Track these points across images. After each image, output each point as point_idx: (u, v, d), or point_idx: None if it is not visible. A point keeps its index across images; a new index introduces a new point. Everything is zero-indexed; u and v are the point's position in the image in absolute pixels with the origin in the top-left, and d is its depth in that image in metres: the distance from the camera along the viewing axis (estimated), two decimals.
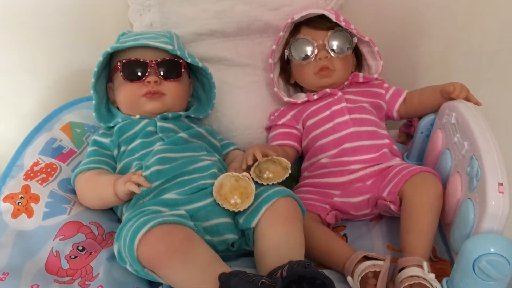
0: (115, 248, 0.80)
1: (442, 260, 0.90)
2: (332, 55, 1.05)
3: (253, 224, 0.83)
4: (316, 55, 1.05)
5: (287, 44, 1.10)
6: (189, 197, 0.86)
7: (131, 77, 0.99)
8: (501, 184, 0.75)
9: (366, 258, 0.83)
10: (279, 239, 0.80)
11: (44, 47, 1.19)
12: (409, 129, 1.18)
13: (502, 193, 0.75)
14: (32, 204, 0.91)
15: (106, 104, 1.06)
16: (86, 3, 1.17)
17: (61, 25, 1.17)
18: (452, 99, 0.98)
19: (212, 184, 0.87)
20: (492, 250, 0.72)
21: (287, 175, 0.89)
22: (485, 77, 1.25)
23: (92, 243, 0.88)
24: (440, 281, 0.79)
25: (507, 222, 0.75)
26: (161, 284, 0.78)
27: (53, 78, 1.22)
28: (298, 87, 1.16)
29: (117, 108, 1.05)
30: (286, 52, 1.09)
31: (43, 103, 1.21)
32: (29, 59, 1.19)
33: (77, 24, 1.18)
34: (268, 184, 0.88)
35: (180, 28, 1.13)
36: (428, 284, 0.76)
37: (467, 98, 0.97)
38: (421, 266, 0.79)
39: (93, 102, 1.01)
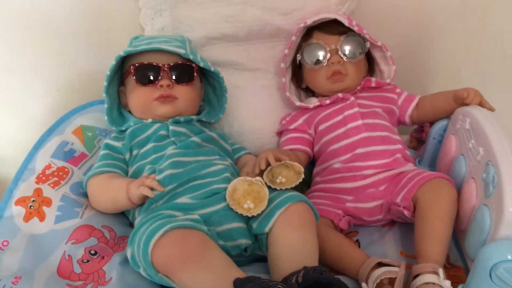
0: (129, 253, 0.79)
1: (456, 267, 0.89)
2: (345, 59, 1.05)
3: (266, 229, 0.83)
4: (328, 60, 1.05)
5: (299, 49, 1.10)
6: (202, 201, 0.86)
7: (144, 81, 0.99)
8: None
9: (380, 264, 0.82)
10: (293, 245, 0.80)
11: (54, 50, 1.19)
12: (421, 134, 1.17)
13: None
14: (44, 208, 0.91)
15: (118, 107, 1.06)
16: (98, 7, 1.17)
17: (72, 28, 1.18)
18: (465, 104, 0.97)
19: (225, 189, 0.87)
20: (509, 257, 0.71)
21: (300, 180, 0.89)
22: (496, 81, 1.24)
23: (104, 247, 0.88)
24: None
25: None
26: None
27: (63, 81, 1.22)
28: (309, 92, 1.16)
29: (129, 111, 1.05)
30: (299, 57, 1.09)
31: (53, 106, 1.21)
32: (40, 62, 1.19)
33: (88, 27, 1.19)
34: (281, 189, 0.88)
35: (192, 32, 1.13)
36: None
37: (481, 104, 0.96)
38: (436, 273, 0.79)
39: (105, 105, 1.01)
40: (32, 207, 0.91)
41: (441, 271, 0.79)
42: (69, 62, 1.21)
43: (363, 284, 0.81)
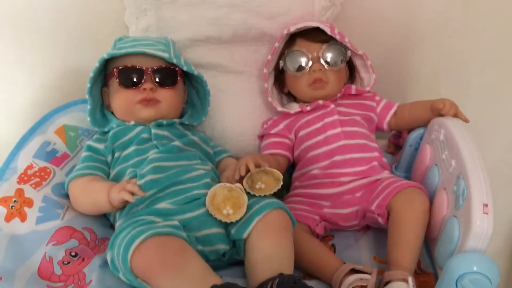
0: (108, 257, 0.81)
1: (427, 273, 0.92)
2: (326, 67, 1.07)
3: (244, 235, 0.85)
4: (310, 67, 1.07)
5: (282, 55, 1.11)
6: (182, 207, 0.88)
7: (127, 84, 0.99)
8: (486, 205, 0.77)
9: (353, 270, 0.85)
10: (270, 251, 0.82)
11: (39, 45, 1.19)
12: (398, 140, 1.20)
13: (487, 214, 0.77)
14: (26, 208, 0.91)
15: (101, 108, 1.06)
16: (83, 4, 1.17)
17: (57, 23, 1.17)
18: (441, 115, 1.00)
19: (205, 194, 0.88)
20: (475, 268, 0.74)
21: (279, 186, 0.91)
22: (474, 90, 1.28)
23: (85, 249, 0.89)
24: None
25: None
26: None
27: (47, 76, 1.22)
28: (291, 96, 1.18)
29: (112, 113, 1.05)
30: (281, 63, 1.11)
31: (37, 101, 1.21)
32: (24, 57, 1.19)
33: (73, 23, 1.18)
34: (260, 195, 0.90)
35: (176, 33, 1.14)
36: None
37: (456, 115, 0.99)
38: (406, 281, 0.82)
39: (88, 107, 1.01)
40: (13, 207, 0.91)
41: (410, 279, 0.82)
42: (52, 58, 1.21)
43: None
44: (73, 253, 0.88)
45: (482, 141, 0.94)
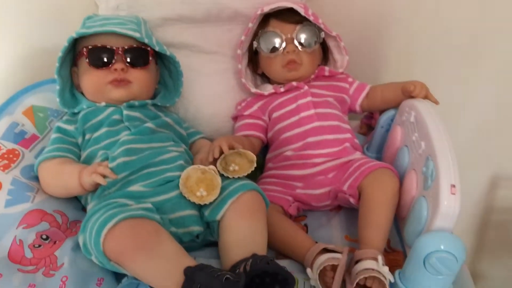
0: (80, 240, 0.80)
1: (396, 251, 0.95)
2: (300, 49, 1.07)
3: (218, 217, 0.85)
4: (284, 49, 1.07)
5: (255, 36, 1.10)
6: (155, 189, 0.87)
7: (97, 64, 0.97)
8: (454, 186, 0.79)
9: (325, 250, 0.87)
10: (243, 233, 0.83)
11: (5, 24, 1.15)
12: (370, 121, 1.21)
13: (454, 194, 0.79)
14: None
15: (71, 89, 1.04)
16: None
17: (25, 1, 1.13)
18: (412, 97, 1.02)
19: (179, 177, 0.88)
20: (442, 247, 0.76)
21: (253, 168, 0.91)
22: (445, 72, 1.30)
23: (56, 231, 0.88)
24: (393, 272, 0.84)
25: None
26: (126, 275, 0.79)
27: (13, 55, 1.18)
28: (265, 77, 1.18)
29: (82, 93, 1.03)
30: (255, 44, 1.10)
31: (3, 80, 1.18)
32: None
33: (41, 1, 1.15)
34: (233, 177, 0.90)
35: (147, 11, 1.12)
36: (381, 277, 0.80)
37: (426, 97, 1.01)
38: (376, 259, 0.84)
39: (57, 87, 0.99)
40: None
41: (380, 258, 0.83)
42: (19, 36, 1.17)
43: (308, 270, 0.85)
44: (44, 236, 0.87)
45: (451, 122, 0.96)
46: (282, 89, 1.10)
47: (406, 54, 1.31)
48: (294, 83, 1.09)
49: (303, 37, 1.06)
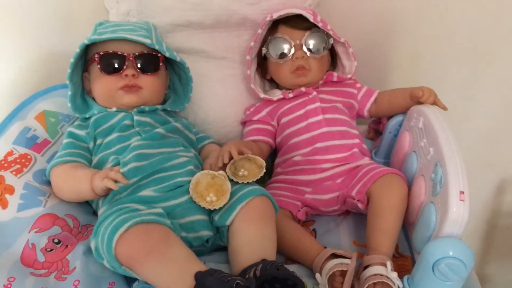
0: (92, 245, 0.81)
1: (404, 257, 0.95)
2: (309, 55, 1.08)
3: (228, 222, 0.86)
4: (293, 55, 1.07)
5: (264, 42, 1.11)
6: (165, 194, 0.88)
7: (108, 70, 0.99)
8: (462, 193, 0.80)
9: (334, 255, 0.88)
10: (253, 238, 0.84)
11: (18, 27, 1.17)
12: (378, 126, 1.22)
13: (463, 201, 0.79)
14: (7, 196, 0.90)
15: (82, 94, 1.05)
16: None
17: (37, 5, 1.15)
18: (420, 103, 1.02)
19: (189, 182, 0.89)
20: (451, 253, 0.77)
21: (262, 174, 0.92)
22: (451, 77, 1.30)
23: (68, 236, 0.89)
24: (401, 277, 0.84)
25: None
26: (137, 279, 0.80)
27: (25, 60, 1.20)
28: (274, 83, 1.18)
29: (93, 98, 1.04)
30: (264, 50, 1.11)
31: (14, 83, 1.20)
32: (2, 39, 1.16)
33: (52, 5, 1.17)
34: (243, 182, 0.91)
35: (157, 17, 1.13)
36: (390, 282, 0.81)
37: (435, 103, 1.01)
38: (384, 265, 0.84)
39: (69, 92, 1.00)
40: None
41: (389, 263, 0.84)
42: (31, 42, 1.19)
43: (317, 275, 0.86)
44: (56, 240, 0.88)
45: (459, 127, 0.97)
46: (290, 95, 1.11)
47: (413, 60, 1.32)
48: (303, 89, 1.10)
49: (311, 43, 1.07)
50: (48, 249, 0.86)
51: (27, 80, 1.19)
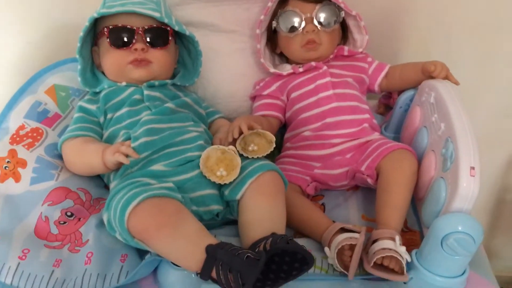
0: (105, 218, 0.82)
1: (412, 231, 0.96)
2: (319, 28, 1.06)
3: (238, 197, 0.86)
4: (303, 28, 1.06)
5: (275, 15, 1.10)
6: (176, 169, 0.89)
7: (118, 44, 0.98)
8: (473, 168, 0.80)
9: (343, 229, 0.88)
10: (263, 212, 0.84)
11: (25, 1, 1.16)
12: (388, 100, 1.21)
13: (473, 176, 0.79)
14: (20, 169, 0.92)
15: (92, 68, 1.05)
16: None
17: None
18: (432, 77, 1.01)
19: (199, 156, 0.89)
20: (460, 228, 0.77)
21: (272, 149, 0.92)
22: (464, 52, 1.28)
23: (80, 209, 0.91)
24: (409, 251, 0.85)
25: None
26: (149, 252, 0.82)
27: (33, 33, 1.20)
28: (284, 57, 1.17)
29: (102, 73, 1.04)
30: (274, 24, 1.09)
31: (24, 57, 1.20)
32: (10, 13, 1.17)
33: None
34: (253, 157, 0.91)
35: None
36: (399, 256, 0.82)
37: (447, 77, 1.00)
38: (393, 239, 0.84)
39: (79, 67, 1.00)
40: (7, 168, 0.92)
41: (397, 238, 0.84)
42: (38, 15, 1.19)
43: (326, 249, 0.86)
44: (68, 213, 0.89)
45: (471, 102, 0.96)
46: (300, 69, 1.10)
47: (425, 34, 1.29)
48: (313, 63, 1.09)
49: (322, 16, 1.06)
50: (61, 222, 0.88)
51: (36, 54, 1.20)
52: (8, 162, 0.92)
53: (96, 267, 0.81)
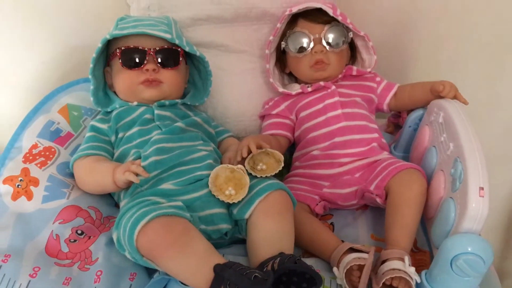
0: (114, 236, 0.83)
1: (422, 251, 0.95)
2: (328, 49, 1.07)
3: (246, 216, 0.87)
4: (312, 49, 1.07)
5: (284, 36, 1.11)
6: (185, 187, 0.90)
7: (129, 64, 1.00)
8: (482, 189, 0.79)
9: (351, 249, 0.88)
10: (271, 231, 0.85)
11: (41, 23, 1.19)
12: (398, 119, 1.21)
13: (483, 197, 0.79)
14: (32, 187, 0.93)
15: (104, 88, 1.07)
16: None
17: (59, 2, 1.18)
18: (441, 97, 1.01)
19: (208, 175, 0.90)
20: (469, 249, 0.77)
21: (280, 168, 0.93)
22: (472, 71, 1.28)
23: (90, 227, 0.92)
24: (419, 272, 0.84)
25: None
26: (158, 270, 0.82)
27: (48, 54, 1.22)
28: (293, 77, 1.19)
29: (114, 93, 1.06)
30: (283, 44, 1.11)
31: (38, 77, 1.23)
32: (26, 34, 1.19)
33: (75, 1, 1.19)
34: (261, 176, 0.92)
35: (177, 12, 1.14)
36: (408, 277, 0.81)
37: (455, 97, 1.00)
38: (402, 260, 0.84)
39: (91, 87, 1.02)
40: (19, 186, 0.93)
41: (407, 258, 0.84)
42: (53, 36, 1.22)
43: (334, 269, 0.86)
44: (79, 231, 0.90)
45: (480, 121, 0.95)
46: (309, 89, 1.11)
47: (434, 53, 1.30)
48: (322, 83, 1.10)
49: (331, 37, 1.07)
50: (72, 240, 0.89)
51: (50, 74, 1.22)
52: (21, 180, 0.94)
53: (105, 285, 0.82)
